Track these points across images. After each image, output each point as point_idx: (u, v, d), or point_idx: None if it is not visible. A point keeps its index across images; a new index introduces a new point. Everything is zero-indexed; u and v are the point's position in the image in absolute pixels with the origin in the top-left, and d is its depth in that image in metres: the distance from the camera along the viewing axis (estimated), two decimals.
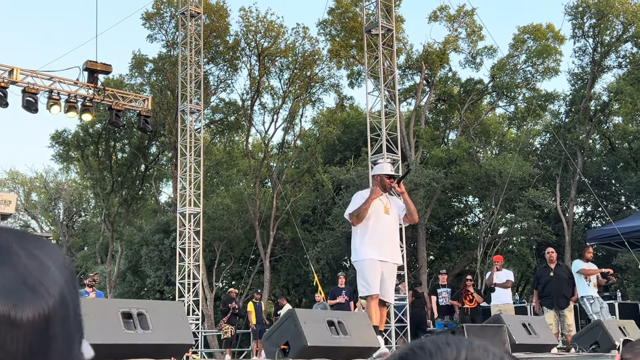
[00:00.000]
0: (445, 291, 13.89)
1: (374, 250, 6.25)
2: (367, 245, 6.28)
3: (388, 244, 6.36)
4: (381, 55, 16.05)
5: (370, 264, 6.22)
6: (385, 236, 6.36)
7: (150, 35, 28.03)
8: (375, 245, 6.26)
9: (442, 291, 13.91)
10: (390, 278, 6.40)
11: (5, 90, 13.94)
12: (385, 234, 6.36)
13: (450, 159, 27.11)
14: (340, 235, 25.88)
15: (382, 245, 6.28)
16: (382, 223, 6.35)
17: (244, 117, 29.20)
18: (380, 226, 6.34)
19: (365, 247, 6.27)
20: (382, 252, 6.27)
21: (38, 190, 38.58)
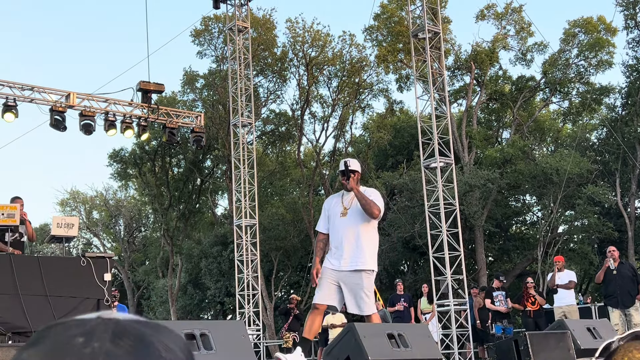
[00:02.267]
0: (501, 294, 13.68)
1: (330, 259, 5.83)
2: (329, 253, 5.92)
3: (342, 250, 5.76)
4: (429, 59, 15.95)
5: (323, 272, 5.80)
6: (337, 241, 5.81)
7: (199, 52, 28.54)
8: (331, 253, 5.84)
9: (497, 294, 13.70)
10: (352, 289, 5.72)
11: (63, 114, 14.37)
12: (338, 239, 5.82)
13: (505, 159, 26.72)
14: (397, 241, 25.77)
15: (334, 253, 5.81)
16: (335, 227, 5.86)
17: (295, 127, 29.40)
18: (334, 232, 5.87)
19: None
20: (337, 260, 5.77)
21: (99, 208, 39.57)
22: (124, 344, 0.58)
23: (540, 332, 7.85)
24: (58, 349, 0.58)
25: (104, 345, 0.58)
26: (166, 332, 0.63)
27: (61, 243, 10.36)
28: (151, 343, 0.60)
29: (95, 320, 0.61)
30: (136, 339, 0.60)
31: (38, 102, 14.33)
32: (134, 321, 0.62)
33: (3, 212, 9.08)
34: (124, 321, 0.62)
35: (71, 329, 0.60)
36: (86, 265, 9.30)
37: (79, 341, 0.58)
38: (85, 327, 0.60)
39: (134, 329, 0.61)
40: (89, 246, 39.14)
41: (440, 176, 15.28)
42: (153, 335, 0.61)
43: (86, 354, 0.57)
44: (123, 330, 0.60)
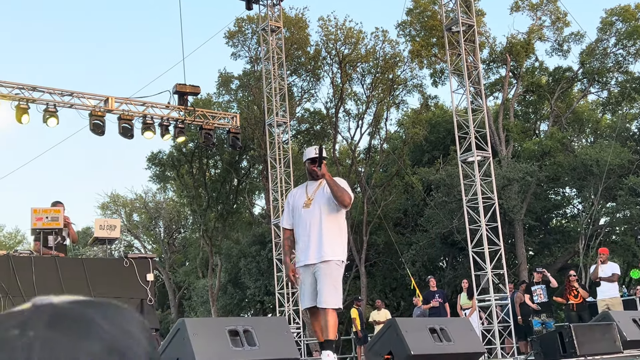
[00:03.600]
0: (540, 288, 13.50)
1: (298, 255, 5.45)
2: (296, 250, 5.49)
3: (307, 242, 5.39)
4: (464, 52, 15.82)
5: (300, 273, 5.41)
6: (304, 234, 5.42)
7: (234, 53, 28.75)
8: (298, 249, 5.46)
9: (536, 288, 13.53)
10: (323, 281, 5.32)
11: (102, 119, 14.62)
12: (304, 231, 5.43)
13: (543, 151, 26.37)
14: (435, 237, 25.63)
15: (301, 247, 5.43)
16: (300, 219, 5.48)
17: (330, 125, 29.42)
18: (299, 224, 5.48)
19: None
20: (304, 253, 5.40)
21: (139, 210, 40.13)
22: (61, 326, 0.57)
23: (585, 324, 7.75)
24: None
25: (39, 332, 0.57)
26: (111, 307, 0.62)
27: (104, 245, 10.55)
28: (91, 320, 0.59)
29: (30, 308, 0.60)
30: (74, 319, 0.59)
31: (78, 107, 14.60)
32: (72, 302, 0.61)
33: (47, 215, 9.27)
34: (61, 304, 0.60)
35: (6, 322, 0.58)
36: (129, 266, 9.45)
37: (14, 333, 0.57)
38: (20, 317, 0.59)
39: (71, 310, 0.59)
40: (130, 248, 39.72)
41: (477, 170, 15.15)
42: (94, 313, 0.60)
43: (21, 345, 0.55)
44: (59, 313, 0.59)
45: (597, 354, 5.88)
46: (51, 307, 0.60)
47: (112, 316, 0.60)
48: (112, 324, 0.59)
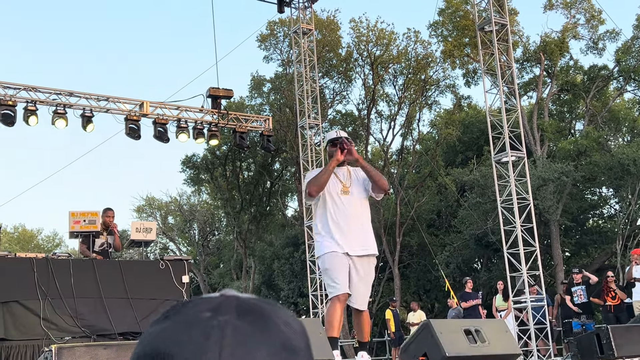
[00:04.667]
0: (581, 289, 13.32)
1: (334, 242, 5.06)
2: (326, 237, 5.10)
3: (353, 231, 5.11)
4: (497, 52, 15.70)
5: (333, 258, 5.03)
6: (347, 222, 5.11)
7: (266, 56, 28.92)
8: (336, 235, 5.07)
9: (576, 289, 13.35)
10: (364, 277, 5.14)
11: (137, 123, 14.82)
12: (346, 219, 5.11)
13: (579, 151, 26.02)
14: (469, 238, 25.45)
15: (344, 234, 5.07)
16: (341, 206, 5.14)
17: (362, 126, 29.40)
18: (340, 210, 5.12)
19: (324, 239, 5.11)
20: (347, 241, 5.06)
21: (174, 213, 40.54)
22: (247, 317, 0.64)
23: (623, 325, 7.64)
24: (187, 322, 0.63)
25: (231, 318, 0.64)
26: (283, 309, 0.69)
27: (140, 247, 10.71)
28: (271, 318, 0.65)
29: (220, 297, 0.67)
30: (258, 314, 0.65)
31: (113, 112, 14.83)
32: (254, 299, 0.68)
33: (85, 218, 9.44)
34: (245, 298, 0.67)
35: (198, 305, 0.66)
36: (165, 268, 9.58)
37: (206, 315, 0.64)
38: (212, 303, 0.66)
39: (256, 305, 0.66)
40: (165, 251, 40.14)
41: (512, 171, 15.02)
42: (272, 311, 0.67)
43: (214, 325, 0.63)
44: (246, 306, 0.66)
45: (635, 355, 5.80)
46: (237, 299, 0.66)
47: (285, 317, 0.67)
48: (286, 324, 0.66)
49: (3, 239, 18.78)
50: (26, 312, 8.46)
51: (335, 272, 4.99)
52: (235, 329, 0.62)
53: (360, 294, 5.13)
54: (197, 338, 0.61)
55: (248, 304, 0.66)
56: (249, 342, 0.62)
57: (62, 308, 8.61)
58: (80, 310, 8.71)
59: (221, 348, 0.60)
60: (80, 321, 8.61)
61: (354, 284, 5.05)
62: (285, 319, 0.67)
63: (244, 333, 0.62)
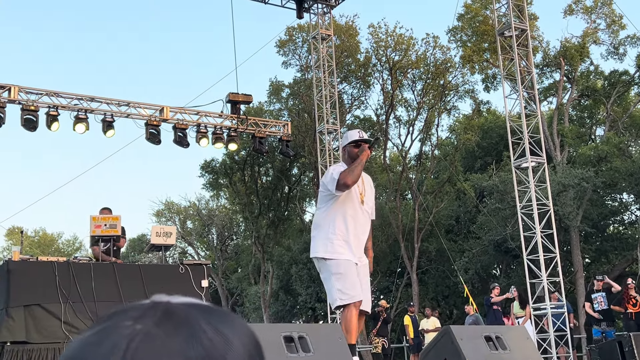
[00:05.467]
0: (601, 295, 13.19)
1: (348, 250, 5.06)
2: (340, 242, 5.06)
3: (361, 241, 5.18)
4: (516, 57, 15.64)
5: (349, 264, 5.02)
6: (357, 232, 5.14)
7: (284, 62, 29.00)
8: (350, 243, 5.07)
9: (596, 296, 13.22)
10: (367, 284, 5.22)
11: (158, 128, 14.93)
12: (359, 230, 5.15)
13: (599, 156, 25.81)
14: (488, 244, 25.31)
15: (355, 245, 5.10)
16: (357, 215, 5.13)
17: (380, 131, 29.37)
18: (356, 219, 5.13)
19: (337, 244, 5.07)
20: (355, 252, 5.10)
21: (192, 217, 40.71)
22: (167, 325, 0.61)
23: None
24: (106, 331, 0.61)
25: (146, 326, 0.61)
26: (220, 315, 0.64)
27: (160, 251, 10.77)
28: (196, 325, 0.62)
29: (148, 304, 0.64)
30: (180, 321, 0.62)
31: (134, 117, 14.94)
32: (187, 304, 0.64)
33: (106, 222, 9.52)
34: (175, 304, 0.64)
35: (126, 313, 0.63)
36: (184, 272, 9.63)
37: (127, 324, 0.61)
38: (138, 311, 0.63)
39: (181, 311, 0.63)
40: (184, 255, 40.32)
41: (532, 176, 14.93)
42: (203, 318, 0.63)
43: (126, 334, 0.60)
44: (170, 313, 0.62)
45: None
46: (166, 305, 0.64)
47: (216, 323, 0.63)
48: (215, 330, 0.62)
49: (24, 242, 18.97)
50: (48, 316, 8.54)
51: (351, 278, 4.99)
52: (146, 338, 0.60)
53: (368, 296, 5.21)
54: (106, 348, 0.59)
55: (174, 310, 0.63)
56: (158, 351, 0.59)
57: (82, 311, 8.68)
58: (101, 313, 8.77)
59: (124, 353, 0.58)
60: None
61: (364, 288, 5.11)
62: (219, 326, 0.62)
63: (156, 342, 0.59)
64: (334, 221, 5.11)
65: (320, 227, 5.21)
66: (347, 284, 4.97)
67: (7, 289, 8.51)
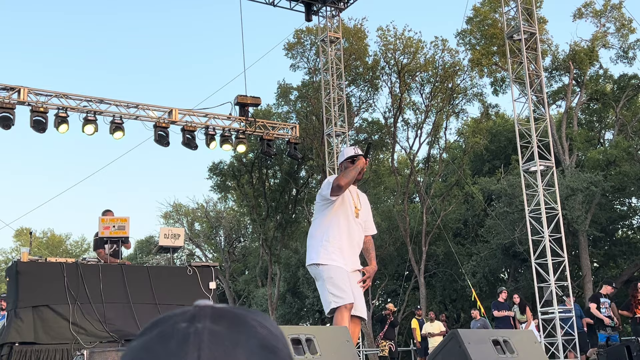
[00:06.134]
0: (607, 302, 13.13)
1: (341, 258, 5.20)
2: (332, 251, 5.19)
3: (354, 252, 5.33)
4: (525, 60, 15.61)
5: (340, 270, 5.16)
6: (353, 244, 5.29)
7: (292, 65, 29.01)
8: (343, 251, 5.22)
9: (604, 301, 13.16)
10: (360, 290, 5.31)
11: (166, 130, 14.97)
12: (353, 241, 5.30)
13: (608, 161, 25.72)
14: (496, 248, 25.24)
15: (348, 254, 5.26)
16: (351, 226, 5.28)
17: (388, 134, 29.35)
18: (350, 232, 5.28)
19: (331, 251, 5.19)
20: (348, 261, 5.25)
21: (200, 220, 40.77)
22: (222, 322, 0.67)
23: None
24: (163, 334, 0.67)
25: (206, 324, 0.67)
26: (259, 313, 0.72)
27: (168, 253, 10.80)
28: (246, 321, 0.69)
29: (194, 308, 0.70)
30: (233, 318, 0.69)
31: (143, 119, 14.98)
32: (228, 306, 0.72)
33: (114, 224, 9.55)
34: (219, 306, 0.71)
35: (174, 318, 0.69)
36: (192, 274, 9.65)
37: (182, 326, 0.66)
38: (186, 314, 0.69)
39: (229, 311, 0.70)
40: (192, 257, 40.37)
41: (540, 180, 14.89)
42: (247, 315, 0.70)
43: (190, 332, 0.65)
44: (220, 313, 0.69)
45: None
46: (211, 307, 0.69)
47: (261, 319, 0.70)
48: (262, 325, 0.69)
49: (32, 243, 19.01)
50: (56, 317, 8.57)
51: (342, 281, 5.12)
52: (212, 333, 0.65)
53: (362, 302, 5.32)
54: (175, 347, 0.64)
55: (222, 310, 0.70)
56: (226, 343, 0.65)
57: (91, 313, 8.71)
58: (109, 315, 8.80)
59: (200, 351, 0.63)
60: (108, 326, 8.70)
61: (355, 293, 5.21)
62: (261, 321, 0.70)
63: (221, 336, 0.65)
64: (328, 230, 5.24)
65: (314, 237, 5.34)
66: (339, 287, 5.10)
67: (16, 290, 8.55)
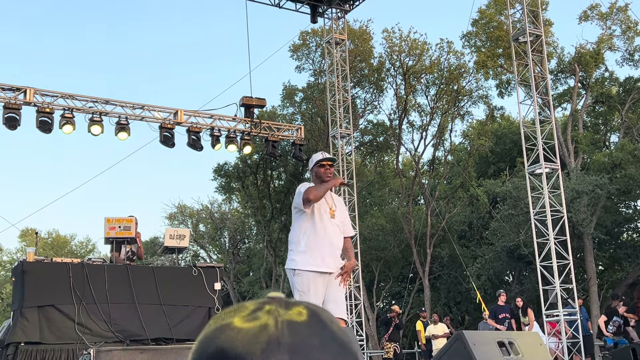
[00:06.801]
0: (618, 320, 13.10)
1: (315, 260, 5.27)
2: (307, 253, 5.30)
3: (334, 254, 5.40)
4: (531, 63, 15.60)
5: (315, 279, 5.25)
6: (331, 244, 5.37)
7: (298, 66, 29.02)
8: (318, 253, 5.29)
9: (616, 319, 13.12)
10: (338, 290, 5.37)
11: (171, 131, 14.99)
12: (332, 240, 5.39)
13: (614, 163, 25.65)
14: (501, 250, 25.20)
15: (328, 253, 5.33)
16: (327, 228, 5.38)
17: (393, 136, 29.34)
18: (325, 231, 5.36)
19: (304, 255, 5.30)
20: (325, 260, 5.30)
21: (205, 221, 40.80)
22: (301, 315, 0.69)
23: None
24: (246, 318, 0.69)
25: (282, 316, 0.69)
26: (324, 310, 0.74)
27: (173, 254, 10.82)
28: (321, 315, 0.70)
29: (267, 298, 0.72)
30: (308, 311, 0.70)
31: (148, 120, 15.01)
32: (298, 300, 0.73)
33: (120, 225, 9.57)
34: (291, 299, 0.72)
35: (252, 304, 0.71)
36: (197, 275, 9.66)
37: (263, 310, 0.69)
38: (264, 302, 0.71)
39: (301, 304, 0.71)
40: (196, 258, 40.40)
41: (545, 182, 14.87)
42: (319, 309, 0.71)
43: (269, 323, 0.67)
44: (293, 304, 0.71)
45: None
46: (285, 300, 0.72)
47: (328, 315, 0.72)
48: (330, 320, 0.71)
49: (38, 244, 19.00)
50: (61, 317, 8.59)
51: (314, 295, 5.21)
52: (289, 324, 0.68)
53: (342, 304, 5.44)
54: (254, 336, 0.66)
55: (294, 302, 0.71)
56: (305, 334, 0.67)
57: (96, 313, 8.72)
58: (114, 315, 8.82)
59: (279, 339, 0.65)
60: (113, 326, 8.71)
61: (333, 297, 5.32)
62: (333, 318, 0.72)
63: (298, 326, 0.68)
64: (305, 235, 5.38)
65: (292, 242, 5.49)
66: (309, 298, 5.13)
67: (21, 290, 8.58)
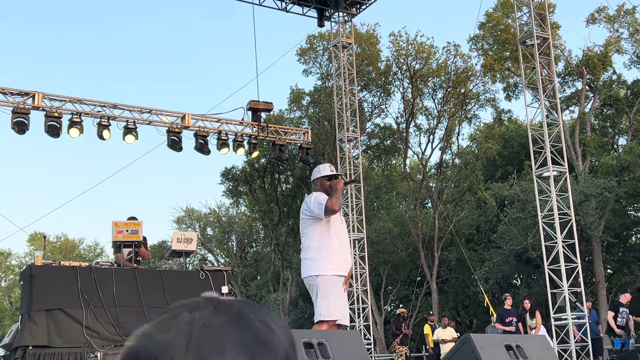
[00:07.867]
0: (625, 311, 13.06)
1: (335, 265, 5.47)
2: (328, 258, 5.47)
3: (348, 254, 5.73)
4: (538, 66, 15.56)
5: (337, 282, 5.45)
6: (345, 246, 5.65)
7: (305, 70, 29.07)
8: (337, 258, 5.50)
9: (623, 310, 13.08)
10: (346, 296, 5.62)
11: (179, 135, 15.02)
12: (344, 243, 5.65)
13: (622, 166, 25.56)
14: (509, 253, 25.13)
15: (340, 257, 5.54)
16: (339, 232, 5.63)
17: (400, 140, 29.33)
18: (338, 235, 5.59)
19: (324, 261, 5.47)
20: (342, 264, 5.53)
21: (212, 224, 40.87)
22: (221, 315, 0.72)
23: None
24: (166, 322, 0.72)
25: (204, 315, 0.71)
26: (263, 308, 0.76)
27: (180, 257, 10.82)
28: (247, 316, 0.73)
29: (200, 299, 0.75)
30: (232, 310, 0.73)
31: (156, 124, 15.05)
32: (234, 299, 0.76)
33: (127, 228, 9.59)
34: (225, 299, 0.75)
35: (179, 308, 0.74)
36: (204, 278, 9.67)
37: (184, 315, 0.72)
38: (191, 305, 0.74)
39: (232, 305, 0.74)
40: (204, 261, 40.42)
41: (553, 186, 14.82)
42: (250, 310, 0.74)
43: (188, 321, 0.70)
44: (223, 305, 0.73)
45: None
46: (217, 299, 0.74)
47: (262, 314, 0.74)
48: (260, 320, 0.73)
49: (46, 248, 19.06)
50: (69, 320, 8.61)
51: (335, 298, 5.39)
52: (206, 325, 0.70)
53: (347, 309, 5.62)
54: (171, 335, 0.69)
55: (225, 303, 0.74)
56: (217, 333, 0.69)
57: (104, 316, 8.74)
58: (122, 319, 8.83)
59: (189, 340, 0.68)
60: (121, 330, 8.73)
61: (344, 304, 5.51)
62: (261, 316, 0.74)
63: (215, 326, 0.70)
64: (323, 240, 5.52)
65: (309, 249, 5.60)
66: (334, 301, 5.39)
67: (29, 294, 8.60)
